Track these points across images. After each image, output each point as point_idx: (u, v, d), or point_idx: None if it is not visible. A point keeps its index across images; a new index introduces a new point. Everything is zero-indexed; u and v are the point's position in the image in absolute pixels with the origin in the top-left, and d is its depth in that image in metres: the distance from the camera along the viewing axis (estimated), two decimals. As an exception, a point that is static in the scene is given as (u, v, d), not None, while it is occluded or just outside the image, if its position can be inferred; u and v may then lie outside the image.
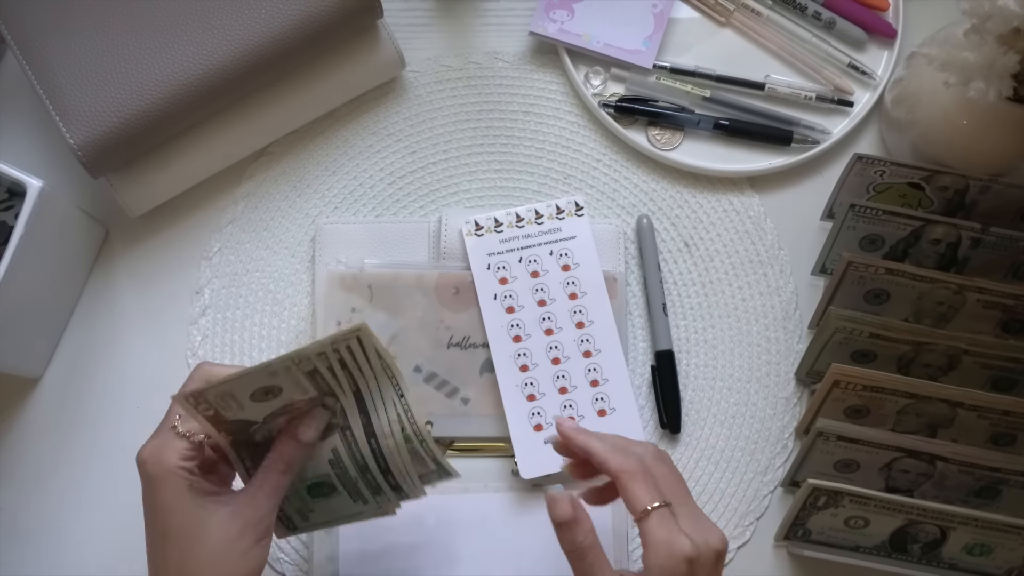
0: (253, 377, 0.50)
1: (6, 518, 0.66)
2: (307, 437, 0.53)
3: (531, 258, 0.68)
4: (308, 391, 0.52)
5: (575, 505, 0.52)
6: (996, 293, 0.64)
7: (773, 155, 0.72)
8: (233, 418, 0.53)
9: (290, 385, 0.52)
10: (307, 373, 0.51)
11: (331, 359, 0.51)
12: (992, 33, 0.58)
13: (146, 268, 0.70)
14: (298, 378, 0.51)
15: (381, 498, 0.56)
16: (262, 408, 0.53)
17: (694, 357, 0.70)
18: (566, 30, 0.72)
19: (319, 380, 0.52)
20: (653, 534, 0.50)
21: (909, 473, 0.62)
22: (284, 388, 0.52)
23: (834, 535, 0.63)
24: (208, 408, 0.52)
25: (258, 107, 0.69)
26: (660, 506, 0.50)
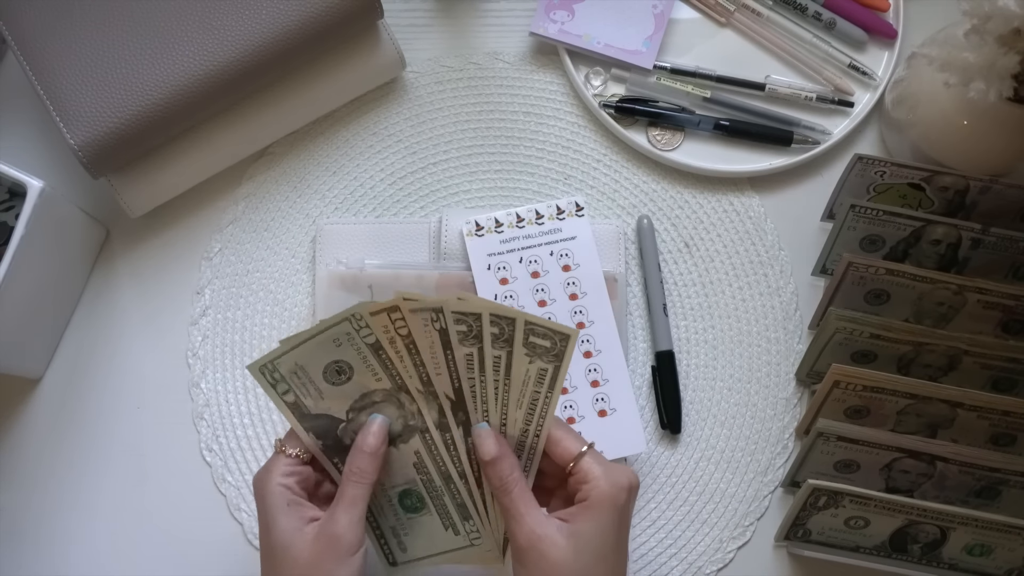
0: (318, 343, 0.52)
1: (6, 518, 0.66)
2: (368, 446, 0.54)
3: (531, 258, 0.68)
4: (380, 376, 0.53)
5: (500, 442, 0.54)
6: (996, 294, 0.64)
7: (773, 155, 0.72)
8: (315, 411, 0.53)
9: (359, 363, 0.52)
10: (371, 347, 0.52)
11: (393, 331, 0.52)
12: (992, 34, 0.58)
13: (146, 268, 0.70)
14: (364, 353, 0.52)
15: (470, 526, 0.56)
16: (339, 395, 0.53)
17: (694, 357, 0.70)
18: (566, 31, 0.72)
19: (386, 361, 0.52)
20: (592, 470, 0.53)
21: (909, 473, 0.62)
22: (354, 368, 0.52)
23: (834, 535, 0.63)
24: (286, 389, 0.53)
25: (258, 107, 0.69)
26: (590, 447, 0.54)
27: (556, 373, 0.53)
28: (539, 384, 0.54)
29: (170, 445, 0.68)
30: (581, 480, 0.53)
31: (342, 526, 0.52)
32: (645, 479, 0.67)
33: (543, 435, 0.55)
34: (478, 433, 0.54)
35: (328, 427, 0.55)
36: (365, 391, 0.53)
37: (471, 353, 0.54)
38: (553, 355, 0.53)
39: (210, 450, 0.67)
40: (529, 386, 0.54)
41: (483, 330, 0.52)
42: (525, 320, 0.52)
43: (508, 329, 0.52)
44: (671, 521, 0.67)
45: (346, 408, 0.54)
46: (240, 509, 0.67)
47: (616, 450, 0.65)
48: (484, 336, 0.53)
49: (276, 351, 0.53)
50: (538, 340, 0.53)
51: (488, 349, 0.53)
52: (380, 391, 0.54)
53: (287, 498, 0.53)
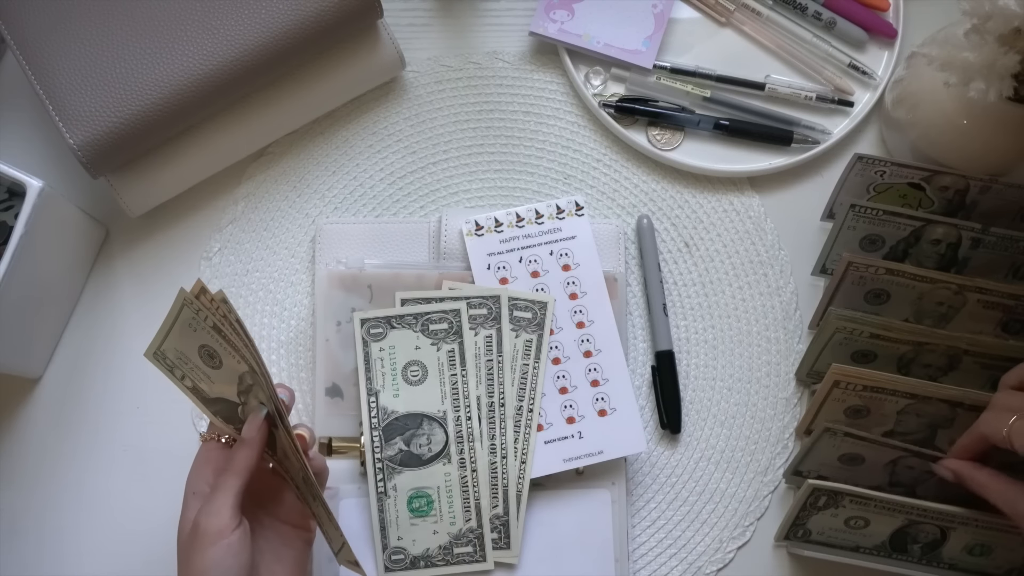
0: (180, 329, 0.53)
1: (6, 518, 0.66)
2: (247, 435, 0.54)
3: (531, 258, 0.68)
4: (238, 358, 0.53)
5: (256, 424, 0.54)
6: (996, 293, 0.64)
7: (773, 155, 0.72)
8: (212, 395, 0.54)
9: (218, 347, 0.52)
10: (214, 328, 0.52)
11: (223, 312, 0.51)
12: (992, 33, 0.58)
13: (146, 268, 0.70)
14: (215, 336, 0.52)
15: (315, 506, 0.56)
16: (223, 378, 0.54)
17: (694, 357, 0.70)
18: (566, 30, 0.72)
19: (233, 342, 0.52)
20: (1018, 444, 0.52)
21: (913, 470, 0.62)
22: (218, 351, 0.53)
23: (834, 535, 0.63)
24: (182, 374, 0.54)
25: (258, 107, 0.69)
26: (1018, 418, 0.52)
27: (540, 343, 0.55)
28: (526, 356, 0.54)
29: (170, 445, 0.68)
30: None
31: (203, 514, 0.52)
32: (645, 479, 0.67)
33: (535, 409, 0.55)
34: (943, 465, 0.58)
35: (230, 411, 0.55)
36: (239, 373, 0.53)
37: (490, 335, 0.57)
38: (535, 324, 0.55)
39: (210, 450, 0.67)
40: (518, 360, 0.55)
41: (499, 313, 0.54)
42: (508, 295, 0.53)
43: (495, 308, 0.53)
44: (671, 521, 0.67)
45: (235, 392, 0.54)
46: (240, 509, 0.67)
47: (616, 450, 0.65)
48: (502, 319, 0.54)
49: (155, 338, 0.54)
50: (521, 313, 0.53)
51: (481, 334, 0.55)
52: (248, 373, 0.53)
53: (194, 487, 0.54)
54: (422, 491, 0.63)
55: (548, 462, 0.64)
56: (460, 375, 0.64)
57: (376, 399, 0.64)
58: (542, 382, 0.65)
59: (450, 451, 0.63)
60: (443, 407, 0.64)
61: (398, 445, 0.63)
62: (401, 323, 0.65)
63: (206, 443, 0.57)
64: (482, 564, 0.63)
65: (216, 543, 0.51)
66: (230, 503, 0.52)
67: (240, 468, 0.53)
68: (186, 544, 0.52)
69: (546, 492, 0.65)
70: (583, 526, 0.64)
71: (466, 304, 0.65)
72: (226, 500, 0.52)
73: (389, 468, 0.63)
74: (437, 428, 0.64)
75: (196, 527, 0.52)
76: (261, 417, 0.54)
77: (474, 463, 0.63)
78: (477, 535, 0.63)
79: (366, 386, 0.64)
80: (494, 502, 0.63)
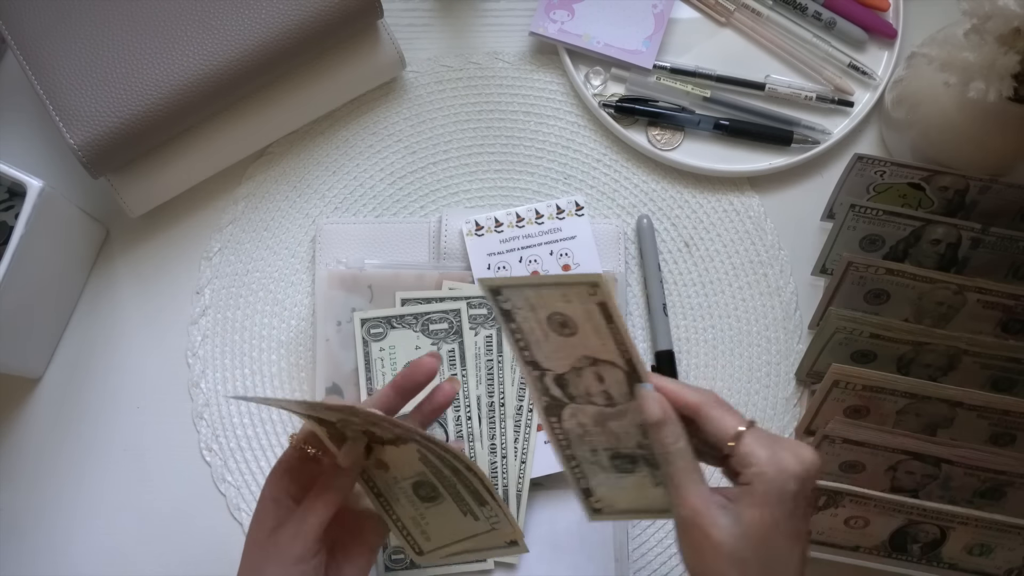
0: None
1: (6, 518, 0.66)
2: (347, 462, 0.53)
3: (531, 258, 0.68)
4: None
5: (664, 406, 0.49)
6: (996, 293, 0.64)
7: (773, 155, 0.72)
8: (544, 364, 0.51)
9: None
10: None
11: None
12: (992, 33, 0.58)
13: (146, 268, 0.70)
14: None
15: (488, 511, 0.55)
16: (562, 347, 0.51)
17: (694, 357, 0.70)
18: (566, 30, 0.72)
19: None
20: (754, 453, 0.48)
21: (915, 475, 0.62)
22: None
23: (834, 535, 0.63)
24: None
25: (258, 107, 0.69)
26: (750, 426, 0.49)
27: None
28: None
29: (170, 445, 0.68)
30: (742, 463, 0.48)
31: (288, 534, 0.51)
32: (645, 479, 0.67)
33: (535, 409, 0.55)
34: (643, 395, 0.50)
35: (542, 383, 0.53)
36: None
37: (490, 335, 0.58)
38: None
39: (210, 450, 0.67)
40: None
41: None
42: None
43: None
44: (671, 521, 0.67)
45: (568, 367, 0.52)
46: (240, 509, 0.67)
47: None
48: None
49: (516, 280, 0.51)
50: None
51: None
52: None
53: (273, 492, 0.53)
54: None
55: (548, 462, 0.64)
56: (460, 375, 0.64)
57: None
58: None
59: None
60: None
61: None
62: (401, 323, 0.65)
63: (295, 449, 0.55)
64: (482, 564, 0.63)
65: (295, 566, 0.51)
66: (317, 529, 0.52)
67: (335, 498, 0.53)
68: (259, 554, 0.52)
69: (546, 492, 0.65)
70: (583, 526, 0.64)
71: (466, 304, 0.65)
72: (314, 526, 0.52)
73: None
74: (437, 428, 0.64)
75: (277, 544, 0.51)
76: (354, 446, 0.53)
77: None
78: None
79: (366, 386, 0.64)
80: None
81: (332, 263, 0.69)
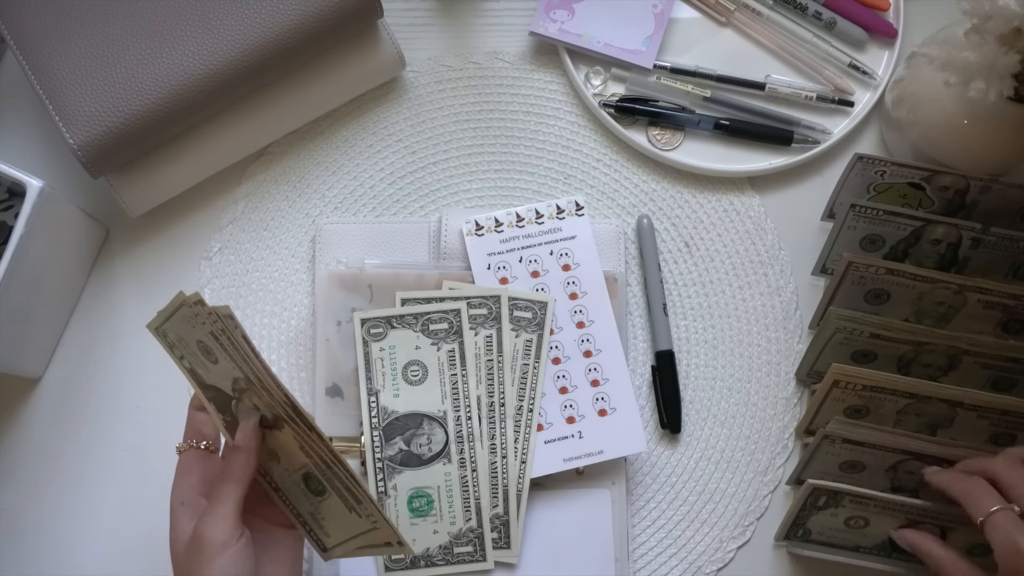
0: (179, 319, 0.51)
1: (6, 518, 0.66)
2: (236, 439, 0.53)
3: (531, 258, 0.68)
4: (234, 365, 0.52)
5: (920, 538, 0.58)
6: (996, 293, 0.64)
7: (773, 155, 0.72)
8: (209, 382, 0.53)
9: (215, 348, 0.51)
10: (211, 335, 0.51)
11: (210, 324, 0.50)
12: (993, 33, 0.58)
13: (146, 268, 0.70)
14: (211, 339, 0.51)
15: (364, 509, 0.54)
16: (220, 373, 0.53)
17: (694, 357, 0.70)
18: (566, 30, 0.72)
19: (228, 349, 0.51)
20: (992, 537, 0.52)
21: (915, 475, 0.62)
22: (215, 352, 0.52)
23: (834, 535, 0.63)
24: (181, 354, 0.53)
25: (258, 107, 0.69)
26: (998, 509, 0.53)
27: (540, 342, 0.57)
28: (526, 356, 0.56)
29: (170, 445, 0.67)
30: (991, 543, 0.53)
31: (204, 526, 0.51)
32: (645, 479, 0.67)
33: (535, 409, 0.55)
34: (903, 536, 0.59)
35: (224, 401, 0.54)
36: (233, 376, 0.52)
37: (490, 335, 0.59)
38: (535, 324, 0.56)
39: (210, 450, 0.67)
40: (519, 359, 0.55)
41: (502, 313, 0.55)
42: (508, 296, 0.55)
43: (495, 308, 0.56)
44: (671, 521, 0.67)
45: (229, 387, 0.53)
46: (240, 509, 0.66)
47: (616, 450, 0.65)
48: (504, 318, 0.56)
49: (157, 318, 0.53)
50: (521, 313, 0.55)
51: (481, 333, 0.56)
52: (243, 379, 0.52)
53: (181, 497, 0.53)
54: (422, 491, 0.63)
55: (548, 462, 0.64)
56: (460, 375, 0.64)
57: (376, 399, 0.64)
58: (542, 382, 0.65)
59: (450, 451, 0.63)
60: (443, 407, 0.64)
61: (398, 445, 0.63)
62: (401, 323, 0.65)
63: (185, 453, 0.55)
64: (482, 564, 0.63)
65: (222, 554, 0.50)
66: (232, 512, 0.51)
67: (240, 476, 0.52)
68: (186, 557, 0.51)
69: (546, 492, 0.65)
70: (583, 526, 0.64)
71: (466, 304, 0.65)
72: (228, 509, 0.51)
73: (389, 468, 0.63)
74: (437, 428, 0.64)
75: (199, 539, 0.50)
76: (255, 422, 0.53)
77: (474, 463, 0.63)
78: (477, 535, 0.63)
79: (366, 386, 0.64)
80: (494, 502, 0.63)
81: (332, 263, 0.69)
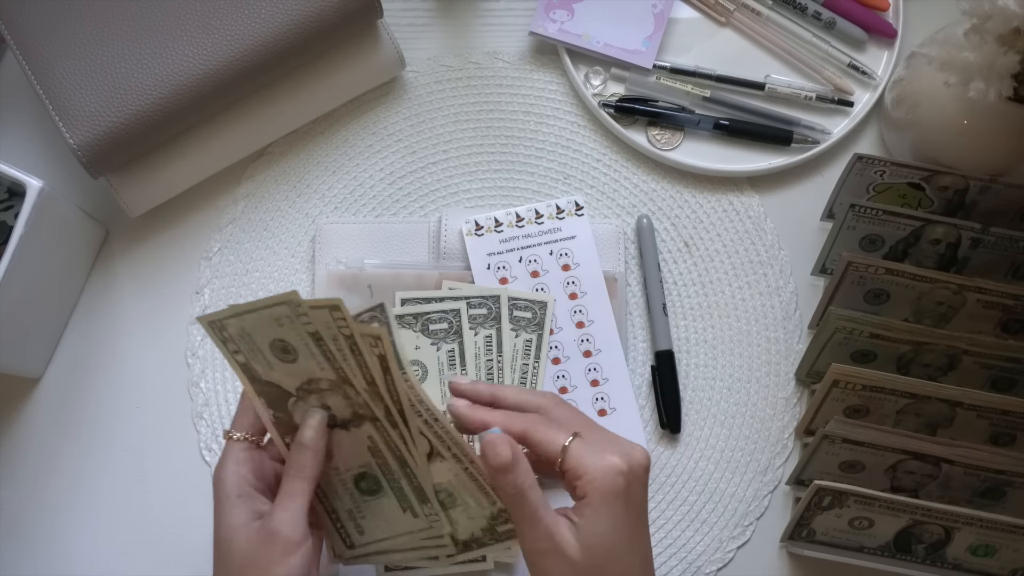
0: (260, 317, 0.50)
1: (6, 518, 0.66)
2: (305, 438, 0.52)
3: (531, 258, 0.68)
4: (324, 367, 0.51)
5: (514, 447, 0.50)
6: (996, 293, 0.64)
7: (773, 155, 0.72)
8: (266, 378, 0.53)
9: (303, 348, 0.51)
10: (312, 336, 0.50)
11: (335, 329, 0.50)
12: (992, 33, 0.58)
13: (146, 268, 0.70)
14: (306, 340, 0.51)
15: (428, 509, 0.54)
16: (287, 371, 0.52)
17: (694, 357, 0.70)
18: (566, 30, 0.72)
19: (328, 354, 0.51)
20: (580, 462, 0.50)
21: (915, 475, 0.62)
22: (299, 352, 0.51)
23: (838, 535, 0.63)
24: (236, 349, 0.52)
25: (258, 107, 0.69)
26: (573, 438, 0.51)
27: (540, 342, 0.57)
28: (526, 356, 0.57)
29: (170, 445, 0.67)
30: (574, 476, 0.50)
31: (280, 522, 0.50)
32: (645, 479, 0.67)
33: None
34: (490, 440, 0.51)
35: (279, 397, 0.53)
36: (312, 376, 0.52)
37: (490, 335, 0.59)
38: (535, 324, 0.57)
39: (210, 450, 0.67)
40: (518, 359, 0.55)
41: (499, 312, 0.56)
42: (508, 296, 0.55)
43: (495, 308, 0.56)
44: (671, 521, 0.67)
45: (296, 385, 0.53)
46: (240, 509, 0.66)
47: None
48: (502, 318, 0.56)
49: (224, 312, 0.51)
50: (521, 313, 0.56)
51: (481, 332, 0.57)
52: (326, 380, 0.52)
53: (238, 490, 0.52)
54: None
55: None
56: (460, 375, 0.64)
57: None
58: (542, 382, 0.65)
59: None
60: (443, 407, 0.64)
61: None
62: (401, 323, 0.65)
63: (236, 443, 0.54)
64: (482, 564, 0.63)
65: (296, 551, 0.50)
66: (305, 509, 0.51)
67: (311, 474, 0.52)
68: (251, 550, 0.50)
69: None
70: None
71: (466, 304, 0.65)
72: (302, 505, 0.51)
73: None
74: None
75: (274, 533, 0.50)
76: (321, 420, 0.53)
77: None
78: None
79: None
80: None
81: (332, 263, 0.68)
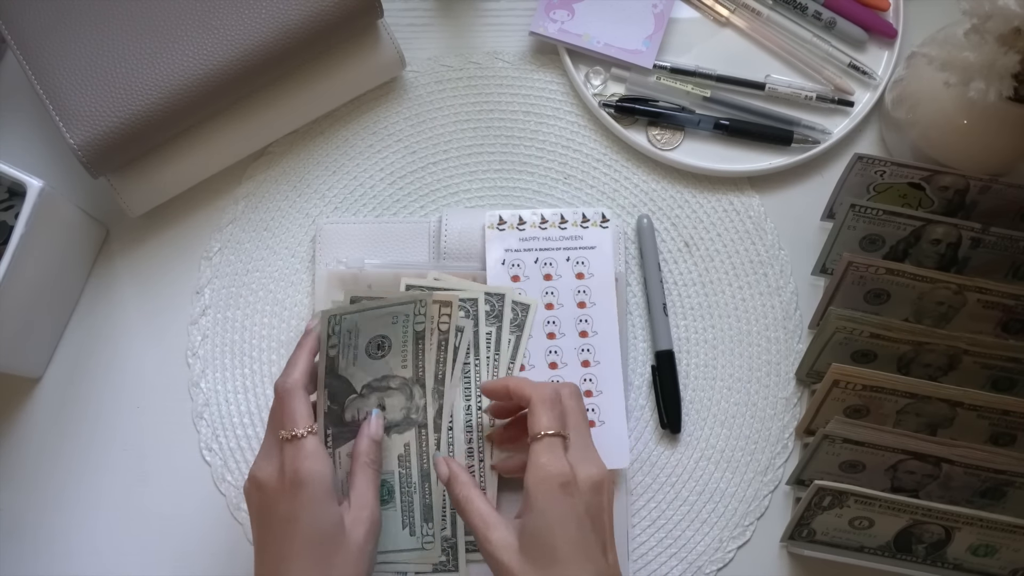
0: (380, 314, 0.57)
1: (6, 518, 0.66)
2: (376, 433, 0.57)
3: (547, 260, 0.67)
4: (407, 363, 0.57)
5: (450, 463, 0.57)
6: (996, 293, 0.64)
7: (773, 155, 0.72)
8: (343, 373, 0.58)
9: (398, 345, 0.57)
10: (416, 334, 0.57)
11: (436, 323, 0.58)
12: (992, 33, 0.58)
13: (146, 268, 0.70)
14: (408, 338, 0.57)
15: (428, 528, 0.59)
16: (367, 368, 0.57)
17: (694, 357, 0.70)
18: (566, 30, 0.72)
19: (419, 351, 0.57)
20: (536, 456, 0.54)
21: (915, 474, 0.62)
22: (392, 348, 0.57)
23: (839, 535, 0.63)
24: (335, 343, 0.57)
25: (258, 107, 0.69)
26: (553, 434, 0.54)
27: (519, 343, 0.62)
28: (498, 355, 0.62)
29: (170, 445, 0.67)
30: (528, 463, 0.54)
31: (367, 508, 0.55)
32: (645, 479, 0.67)
33: None
34: (435, 460, 0.59)
35: (342, 392, 0.58)
36: (388, 373, 0.58)
37: (490, 332, 0.62)
38: (516, 325, 0.62)
39: (210, 450, 0.67)
40: (492, 358, 0.62)
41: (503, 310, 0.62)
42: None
43: (498, 305, 0.62)
44: (671, 521, 0.67)
45: (364, 383, 0.58)
46: (240, 509, 0.66)
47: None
48: (504, 316, 0.62)
49: (348, 307, 0.58)
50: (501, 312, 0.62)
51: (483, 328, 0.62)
52: (398, 378, 0.57)
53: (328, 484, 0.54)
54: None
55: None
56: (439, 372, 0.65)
57: None
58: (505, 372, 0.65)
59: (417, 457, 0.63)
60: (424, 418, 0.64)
61: None
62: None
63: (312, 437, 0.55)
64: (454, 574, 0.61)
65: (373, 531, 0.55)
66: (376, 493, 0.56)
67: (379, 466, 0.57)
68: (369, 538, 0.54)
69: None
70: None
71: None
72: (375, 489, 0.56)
73: None
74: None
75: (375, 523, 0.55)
76: (380, 417, 0.58)
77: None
78: (451, 544, 0.62)
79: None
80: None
81: (332, 263, 0.68)
